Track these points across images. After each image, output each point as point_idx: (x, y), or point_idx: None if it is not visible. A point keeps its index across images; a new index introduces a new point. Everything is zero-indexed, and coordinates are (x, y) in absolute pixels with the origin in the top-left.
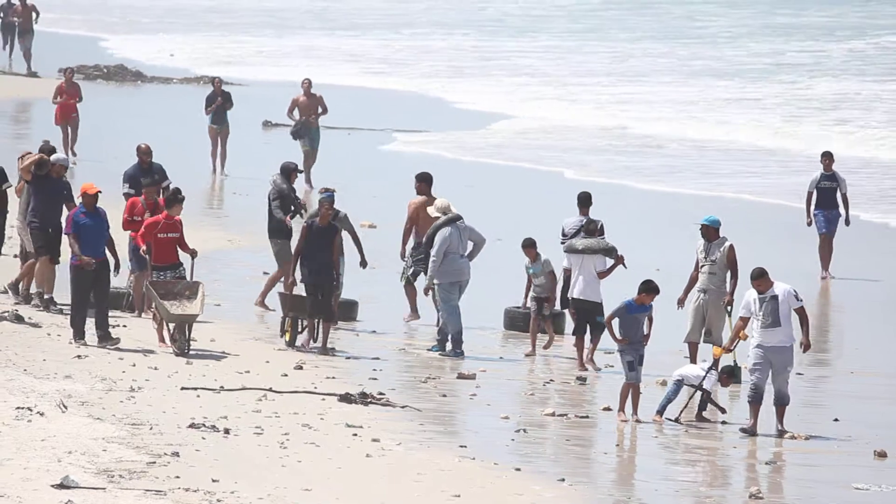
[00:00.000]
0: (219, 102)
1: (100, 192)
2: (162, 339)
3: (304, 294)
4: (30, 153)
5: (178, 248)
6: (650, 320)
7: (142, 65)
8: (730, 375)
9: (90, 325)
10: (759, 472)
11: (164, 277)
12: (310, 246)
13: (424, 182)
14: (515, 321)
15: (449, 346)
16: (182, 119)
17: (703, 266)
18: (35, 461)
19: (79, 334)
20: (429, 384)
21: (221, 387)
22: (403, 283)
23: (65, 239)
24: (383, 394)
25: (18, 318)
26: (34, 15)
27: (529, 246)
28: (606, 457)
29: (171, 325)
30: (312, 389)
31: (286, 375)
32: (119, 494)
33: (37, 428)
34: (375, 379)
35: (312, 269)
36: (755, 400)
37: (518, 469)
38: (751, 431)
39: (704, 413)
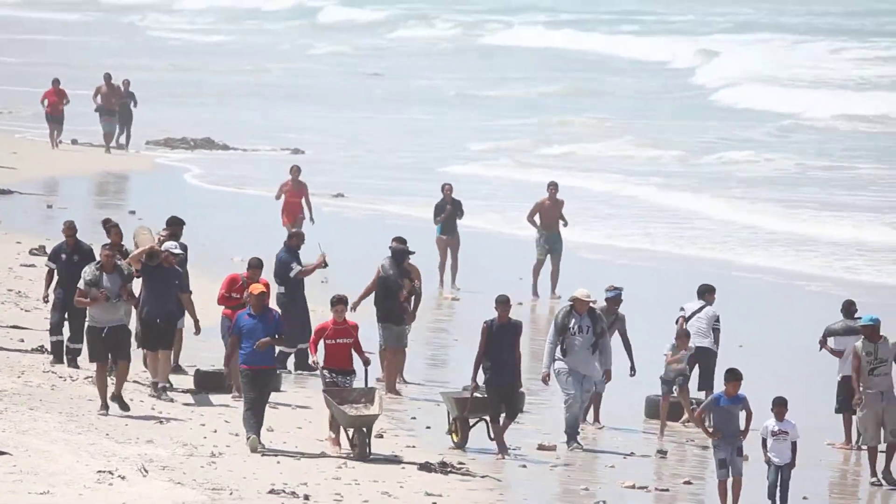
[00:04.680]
0: (448, 211)
1: (265, 291)
2: (336, 443)
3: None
4: (112, 223)
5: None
6: (749, 414)
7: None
8: None
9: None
10: None
11: (335, 380)
12: (491, 346)
13: None
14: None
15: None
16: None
17: (872, 368)
18: None
19: (255, 437)
20: (510, 454)
21: (301, 453)
22: None
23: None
24: (463, 463)
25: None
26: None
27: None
28: None
29: (350, 430)
30: (393, 458)
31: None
32: None
33: (117, 492)
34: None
35: (496, 368)
36: None
37: None
38: None
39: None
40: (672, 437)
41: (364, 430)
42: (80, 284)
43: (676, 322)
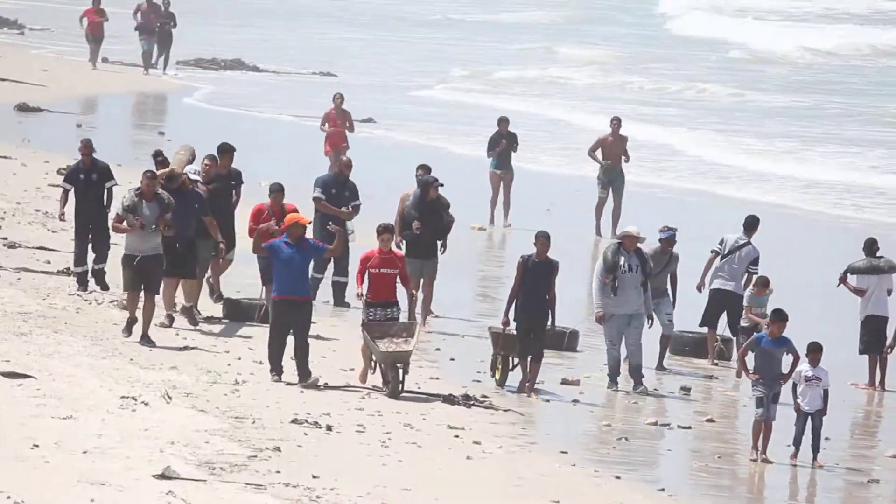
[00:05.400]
0: (503, 146)
1: (299, 223)
2: (364, 378)
3: (515, 332)
4: (162, 156)
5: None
6: (796, 357)
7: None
8: None
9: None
10: None
11: (375, 316)
12: (526, 283)
13: None
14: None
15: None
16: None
17: None
18: (138, 451)
19: (277, 370)
20: (536, 398)
21: (326, 383)
22: None
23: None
24: (486, 396)
25: (126, 308)
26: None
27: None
28: (708, 469)
29: (383, 366)
30: (416, 390)
31: None
32: (219, 487)
33: (141, 418)
34: (479, 381)
35: (528, 306)
36: None
37: (618, 477)
38: None
39: None
40: (695, 375)
41: (398, 366)
42: (118, 209)
43: (712, 252)
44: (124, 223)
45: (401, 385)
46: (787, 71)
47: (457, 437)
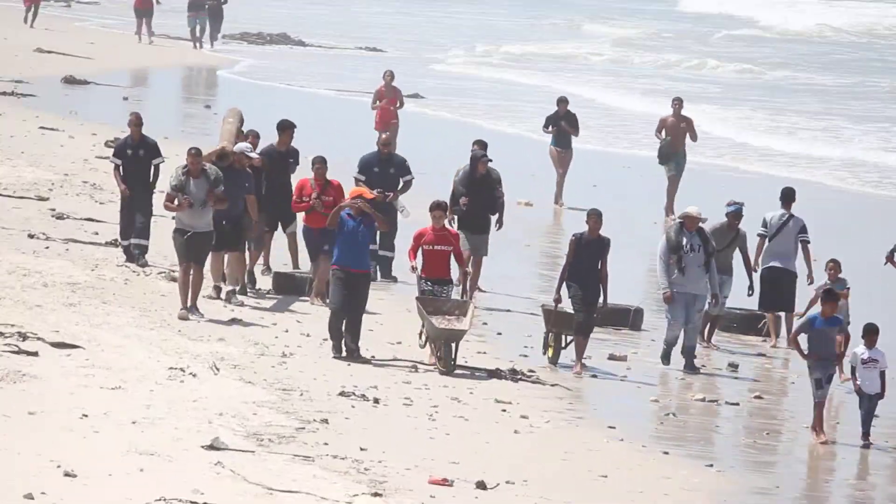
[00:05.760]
0: (563, 127)
1: (375, 197)
2: (433, 354)
3: (569, 311)
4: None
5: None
6: (845, 337)
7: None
8: None
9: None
10: None
11: (432, 291)
12: (578, 260)
13: None
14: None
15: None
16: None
17: None
18: (186, 421)
19: (337, 347)
20: (583, 374)
21: (373, 357)
22: None
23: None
24: (533, 371)
25: (173, 279)
26: None
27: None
28: (756, 445)
29: (438, 343)
30: (463, 363)
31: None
32: (267, 458)
33: (189, 389)
34: (526, 356)
35: (580, 283)
36: None
37: (666, 452)
38: None
39: None
40: (743, 351)
41: (451, 344)
42: (168, 188)
43: (759, 236)
44: (175, 202)
45: (453, 362)
46: (823, 48)
47: (504, 411)
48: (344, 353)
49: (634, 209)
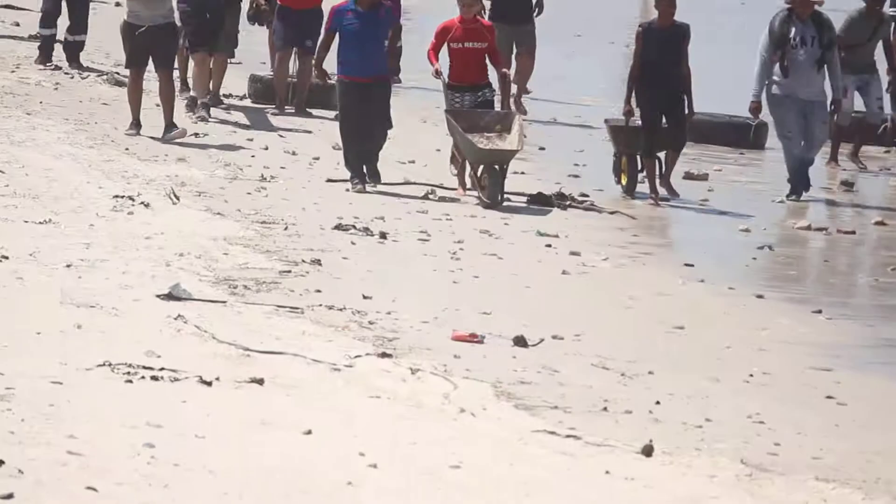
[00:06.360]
0: None
1: None
2: (462, 184)
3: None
4: None
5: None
6: None
7: None
8: None
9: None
10: None
11: (463, 102)
12: (648, 57)
13: None
14: None
15: None
16: None
17: None
18: (136, 264)
19: (358, 177)
20: (645, 184)
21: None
22: None
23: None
24: (587, 195)
25: (119, 83)
26: None
27: None
28: (878, 284)
29: (479, 168)
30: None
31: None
32: (243, 310)
33: (139, 223)
34: (577, 176)
35: (653, 87)
36: None
37: (760, 296)
38: None
39: None
40: (861, 166)
41: (497, 168)
42: None
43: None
44: None
45: (501, 192)
46: None
47: (549, 245)
48: (368, 186)
49: None
